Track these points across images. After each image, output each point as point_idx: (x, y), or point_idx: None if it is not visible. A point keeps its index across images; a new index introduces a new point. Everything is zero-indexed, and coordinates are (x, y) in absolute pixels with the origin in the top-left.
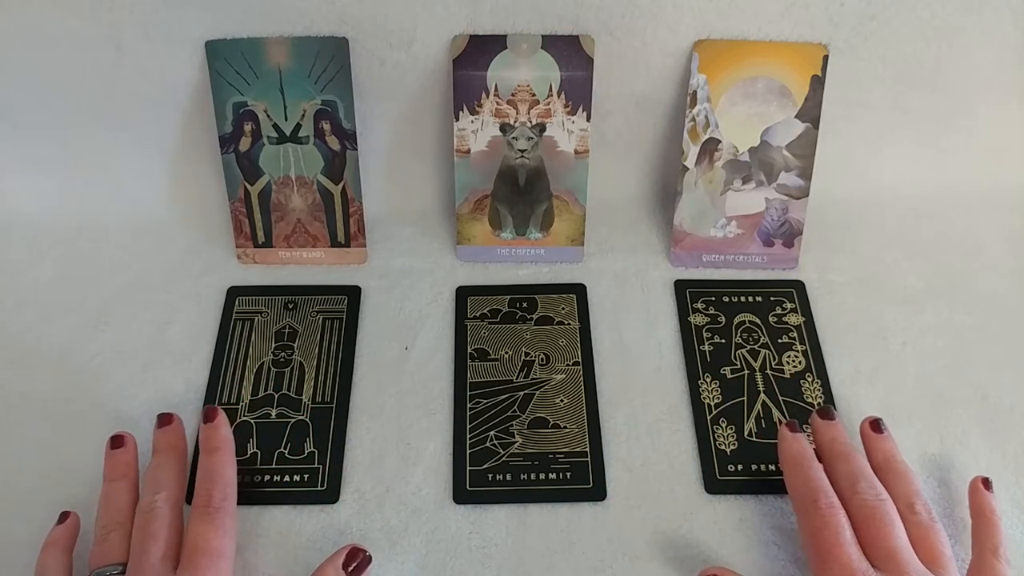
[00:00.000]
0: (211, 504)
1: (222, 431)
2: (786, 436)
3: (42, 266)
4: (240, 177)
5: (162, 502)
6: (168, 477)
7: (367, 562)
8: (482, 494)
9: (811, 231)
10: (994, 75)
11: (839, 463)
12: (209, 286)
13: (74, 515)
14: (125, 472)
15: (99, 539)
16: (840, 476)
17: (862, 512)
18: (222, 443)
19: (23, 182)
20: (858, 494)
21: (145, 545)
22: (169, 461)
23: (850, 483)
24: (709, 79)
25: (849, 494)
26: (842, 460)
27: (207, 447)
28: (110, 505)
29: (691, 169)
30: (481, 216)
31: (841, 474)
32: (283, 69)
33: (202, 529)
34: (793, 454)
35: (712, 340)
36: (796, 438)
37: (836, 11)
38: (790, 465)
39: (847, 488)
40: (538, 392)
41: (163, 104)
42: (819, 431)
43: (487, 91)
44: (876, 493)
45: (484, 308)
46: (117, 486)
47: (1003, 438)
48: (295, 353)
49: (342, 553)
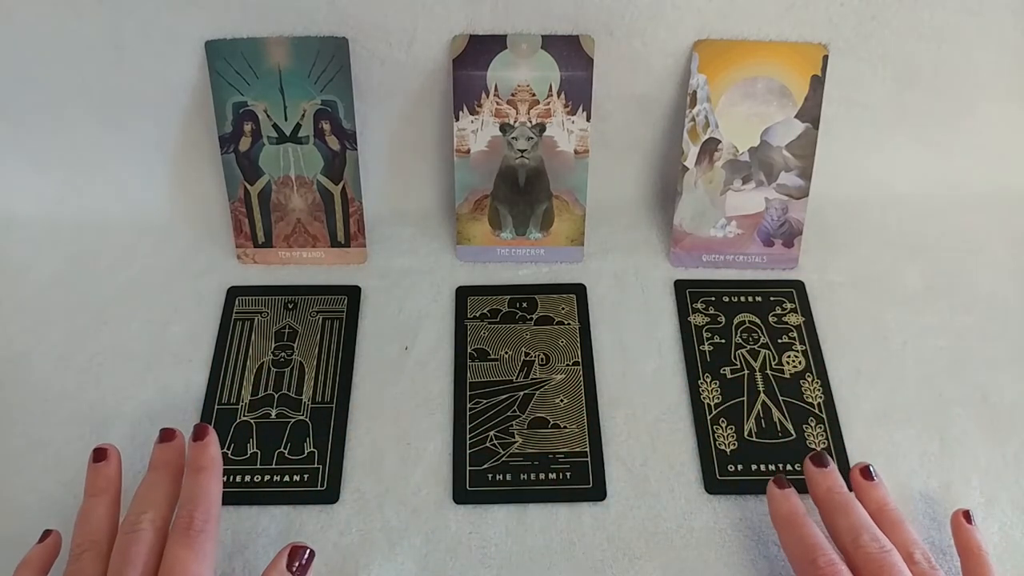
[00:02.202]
0: (192, 527)
1: (211, 450)
2: (775, 495)
3: (42, 266)
4: (240, 177)
5: (147, 523)
6: (159, 497)
7: (311, 558)
8: (482, 494)
9: (811, 231)
10: (994, 75)
11: (839, 516)
12: (209, 286)
13: (55, 535)
14: (105, 487)
15: (73, 558)
16: (841, 530)
17: (869, 566)
18: (210, 463)
19: (23, 182)
20: (862, 547)
21: (122, 571)
22: (163, 480)
23: (852, 537)
24: (709, 79)
25: (852, 548)
26: (841, 513)
27: (194, 466)
28: (86, 522)
29: (691, 169)
30: (481, 216)
31: (841, 528)
32: (283, 69)
33: (181, 553)
34: (784, 513)
35: (712, 340)
36: (786, 495)
37: (836, 11)
38: (783, 525)
39: (849, 542)
40: (538, 392)
41: (163, 104)
42: (815, 481)
43: (487, 91)
44: (880, 545)
45: (484, 308)
46: (95, 502)
47: (1003, 438)
48: (295, 353)
49: (284, 554)
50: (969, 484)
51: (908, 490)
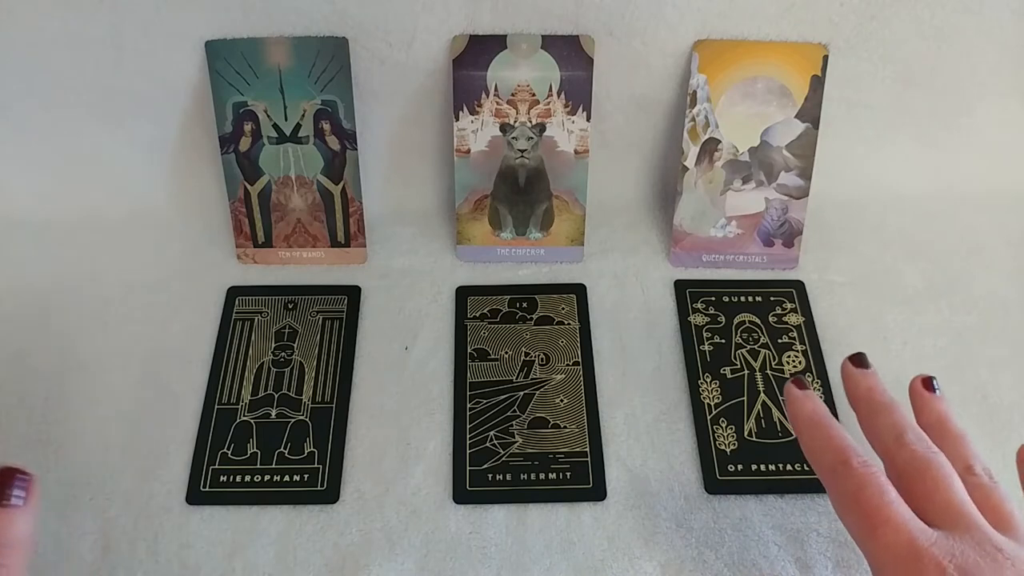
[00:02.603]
0: None
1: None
2: (795, 395)
3: (42, 266)
4: (240, 177)
5: None
6: None
7: (29, 480)
8: (482, 494)
9: (811, 231)
10: (994, 75)
11: (880, 415)
12: (209, 286)
13: None
14: None
15: None
16: (882, 428)
17: (912, 466)
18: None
19: (23, 182)
20: (906, 446)
21: None
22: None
23: (895, 435)
24: (709, 79)
25: (895, 448)
26: (884, 412)
27: None
28: None
29: (691, 169)
30: (481, 216)
31: (883, 426)
32: (283, 69)
33: None
34: (808, 414)
35: (712, 340)
36: (808, 395)
37: (836, 11)
38: (807, 426)
39: (891, 441)
40: (538, 392)
41: (163, 104)
42: (854, 380)
43: (487, 91)
44: (927, 445)
45: (484, 308)
46: None
47: (1003, 438)
48: (295, 353)
49: None
50: None
51: None
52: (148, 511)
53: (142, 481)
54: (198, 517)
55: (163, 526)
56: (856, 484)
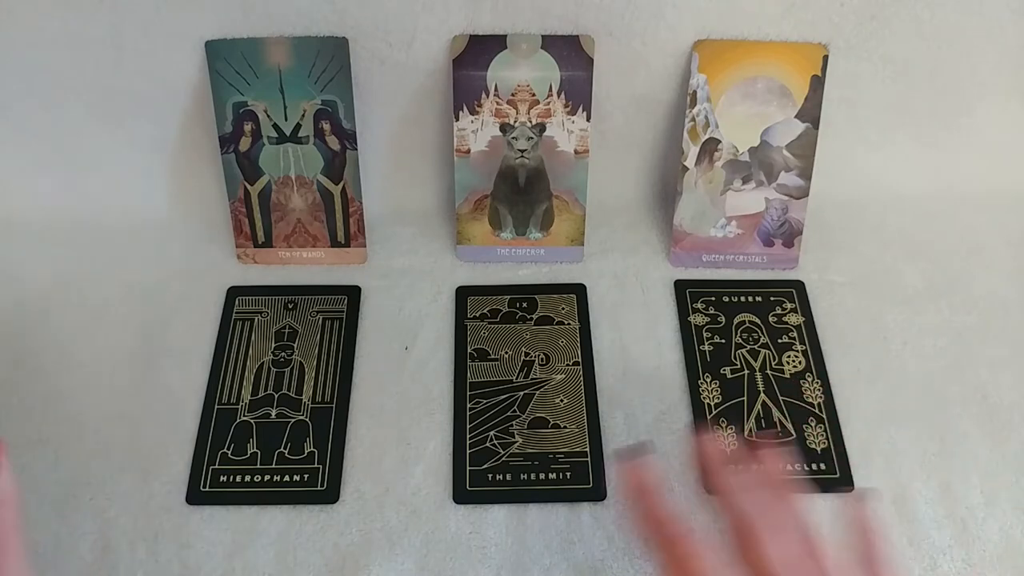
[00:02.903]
0: None
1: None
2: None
3: (42, 266)
4: (240, 177)
5: None
6: None
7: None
8: (482, 494)
9: (811, 231)
10: (994, 75)
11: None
12: (209, 286)
13: None
14: None
15: None
16: None
17: None
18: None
19: (23, 182)
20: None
21: None
22: None
23: None
24: (709, 79)
25: None
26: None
27: None
28: None
29: (691, 169)
30: (481, 216)
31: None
32: (283, 69)
33: None
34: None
35: (712, 340)
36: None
37: (836, 11)
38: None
39: None
40: (538, 392)
41: (163, 104)
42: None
43: (487, 91)
44: None
45: (484, 308)
46: None
47: (1003, 438)
48: (295, 353)
49: None
50: (969, 484)
51: (908, 490)
52: (148, 511)
53: (142, 481)
54: (198, 517)
55: (163, 526)
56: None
